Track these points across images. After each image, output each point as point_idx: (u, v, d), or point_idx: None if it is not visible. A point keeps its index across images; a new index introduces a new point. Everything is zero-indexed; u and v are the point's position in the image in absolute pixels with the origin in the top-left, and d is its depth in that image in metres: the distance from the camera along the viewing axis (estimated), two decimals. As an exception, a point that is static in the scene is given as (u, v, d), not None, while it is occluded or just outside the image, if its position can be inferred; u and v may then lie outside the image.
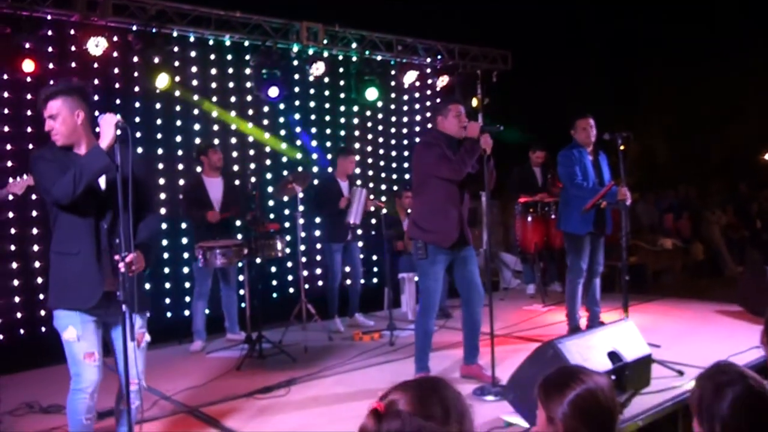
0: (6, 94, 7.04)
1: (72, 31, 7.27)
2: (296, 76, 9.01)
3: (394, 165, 10.22)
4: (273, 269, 8.91)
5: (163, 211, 7.89)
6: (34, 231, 7.10)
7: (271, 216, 8.58)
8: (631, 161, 9.80)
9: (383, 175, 10.09)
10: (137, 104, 7.80)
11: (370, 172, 9.87)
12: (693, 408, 2.21)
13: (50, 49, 7.21)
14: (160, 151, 7.99)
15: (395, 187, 9.76)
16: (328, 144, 9.35)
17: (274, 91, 8.38)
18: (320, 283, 9.09)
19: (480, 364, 5.50)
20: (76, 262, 3.59)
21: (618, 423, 2.19)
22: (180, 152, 8.12)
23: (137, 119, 7.73)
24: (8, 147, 7.04)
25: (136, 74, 7.59)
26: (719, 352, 5.53)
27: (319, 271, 9.23)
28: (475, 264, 5.53)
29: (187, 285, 7.88)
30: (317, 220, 8.89)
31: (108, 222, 3.63)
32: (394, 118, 10.26)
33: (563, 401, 2.11)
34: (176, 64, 7.92)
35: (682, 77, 12.77)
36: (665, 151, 14.31)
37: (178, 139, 8.12)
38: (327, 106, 9.49)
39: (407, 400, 1.70)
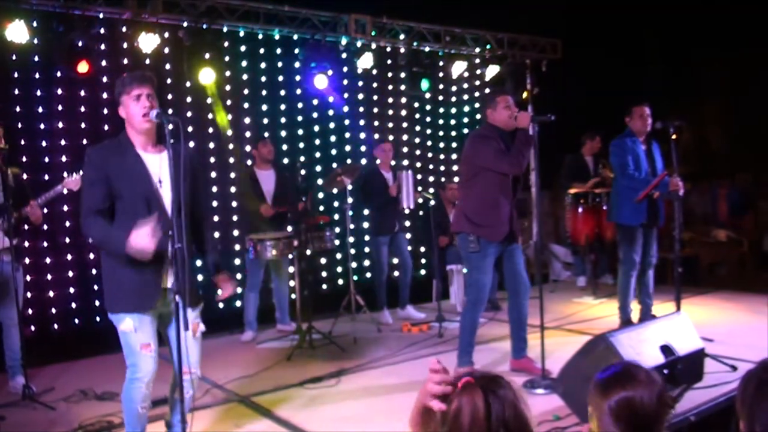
0: (60, 91, 7.21)
1: (124, 29, 7.40)
2: (345, 69, 9.04)
3: (441, 156, 10.20)
4: (323, 261, 8.98)
5: (214, 204, 8.00)
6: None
7: (321, 208, 8.64)
8: (684, 150, 9.58)
9: (431, 167, 10.09)
10: (188, 99, 7.93)
11: (418, 164, 9.86)
12: (737, 406, 2.14)
13: (102, 47, 7.37)
14: (211, 145, 8.11)
15: (443, 179, 9.73)
16: (376, 136, 9.35)
17: (321, 81, 8.45)
18: (369, 274, 9.12)
19: (529, 357, 5.47)
20: (131, 267, 3.49)
21: (665, 423, 2.14)
22: (231, 146, 8.23)
23: (188, 114, 7.86)
24: (62, 143, 7.23)
25: (186, 70, 7.70)
26: (775, 347, 5.42)
27: (367, 263, 9.27)
28: (521, 257, 5.52)
29: (239, 276, 8.00)
30: (366, 212, 8.91)
31: (163, 224, 3.47)
32: (442, 110, 10.24)
33: (607, 403, 2.06)
34: (226, 59, 8.04)
35: (738, 62, 12.41)
36: (720, 140, 13.93)
37: (229, 132, 8.22)
38: (375, 98, 9.52)
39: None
